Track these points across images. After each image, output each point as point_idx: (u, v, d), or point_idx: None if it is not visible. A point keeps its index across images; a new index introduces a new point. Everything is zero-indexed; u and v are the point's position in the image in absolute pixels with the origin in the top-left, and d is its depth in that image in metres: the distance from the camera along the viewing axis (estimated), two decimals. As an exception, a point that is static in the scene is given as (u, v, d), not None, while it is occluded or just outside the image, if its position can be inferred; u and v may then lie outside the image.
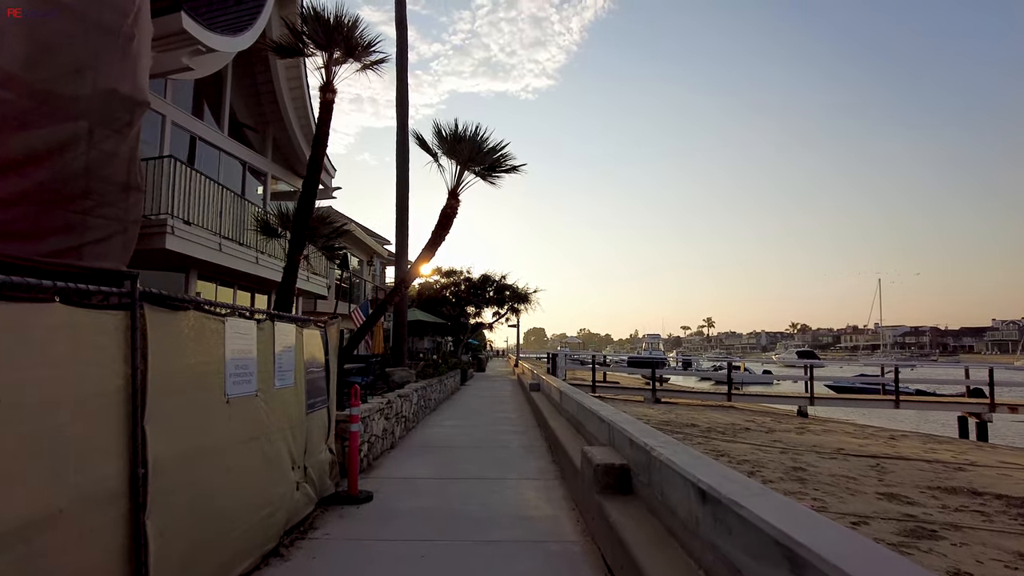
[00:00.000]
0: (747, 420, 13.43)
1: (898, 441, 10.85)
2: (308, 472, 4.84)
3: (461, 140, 7.16)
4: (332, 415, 5.65)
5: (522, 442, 8.63)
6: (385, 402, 7.99)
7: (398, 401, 8.77)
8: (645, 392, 20.01)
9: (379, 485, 5.94)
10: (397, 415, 8.72)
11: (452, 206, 7.46)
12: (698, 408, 17.76)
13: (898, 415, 18.56)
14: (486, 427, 10.25)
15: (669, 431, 9.70)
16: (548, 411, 9.73)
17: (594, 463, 4.27)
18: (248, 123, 13.36)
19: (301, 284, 12.81)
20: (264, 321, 4.06)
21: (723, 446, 8.08)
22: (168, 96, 10.23)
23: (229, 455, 3.43)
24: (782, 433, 10.64)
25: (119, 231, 3.39)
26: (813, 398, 18.28)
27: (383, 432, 7.70)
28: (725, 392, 19.34)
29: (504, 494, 5.60)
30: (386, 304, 7.62)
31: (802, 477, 6.13)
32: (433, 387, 13.05)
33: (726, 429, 10.67)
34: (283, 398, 4.35)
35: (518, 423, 10.83)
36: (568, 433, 7.14)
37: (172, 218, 7.99)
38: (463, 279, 30.58)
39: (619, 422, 4.85)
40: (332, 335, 5.71)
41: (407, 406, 9.57)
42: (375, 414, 7.31)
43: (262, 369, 3.95)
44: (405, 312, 13.06)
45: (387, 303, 7.64)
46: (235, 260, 10.01)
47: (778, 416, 16.60)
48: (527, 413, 12.42)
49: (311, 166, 7.25)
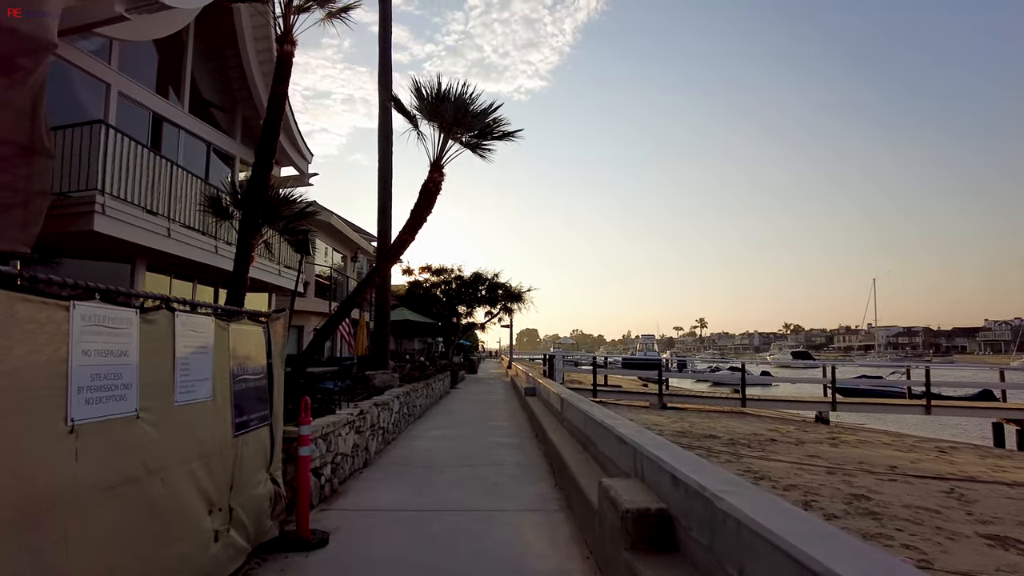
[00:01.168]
0: (769, 429, 12.35)
1: (951, 455, 9.61)
2: (237, 514, 3.64)
3: (445, 100, 5.98)
4: (277, 434, 4.45)
5: (517, 458, 7.45)
6: (357, 412, 6.79)
7: (373, 411, 7.57)
8: (651, 397, 18.69)
9: (340, 520, 4.74)
10: (373, 427, 7.52)
11: (435, 180, 6.29)
12: (711, 415, 16.47)
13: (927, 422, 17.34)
14: (476, 438, 9.06)
15: (687, 444, 8.57)
16: (547, 420, 8.56)
17: (621, 506, 3.11)
18: (214, 102, 12.11)
19: (270, 278, 11.58)
20: (154, 311, 2.86)
21: (758, 465, 6.94)
22: (114, 63, 8.98)
23: (73, 513, 2.24)
24: (814, 445, 9.49)
25: (16, 203, 2.85)
26: (835, 403, 16.93)
27: (353, 449, 6.50)
28: (735, 396, 18.10)
29: (498, 534, 4.42)
30: (359, 293, 6.40)
31: (871, 510, 5.00)
32: (419, 392, 11.84)
33: (751, 441, 9.52)
34: (192, 417, 3.15)
35: (512, 433, 9.65)
36: (574, 451, 5.97)
37: (103, 195, 6.74)
38: (454, 277, 29.34)
39: (648, 445, 3.68)
40: (277, 333, 4.51)
41: (386, 416, 8.37)
42: (343, 428, 6.11)
43: (149, 378, 2.75)
44: (388, 309, 11.84)
45: (360, 293, 6.41)
46: (189, 249, 8.76)
47: (800, 424, 15.42)
48: (522, 421, 11.24)
49: (266, 130, 6.06)
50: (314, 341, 6.45)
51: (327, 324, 6.41)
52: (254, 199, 6.09)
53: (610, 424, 4.74)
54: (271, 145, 6.06)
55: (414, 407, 11.19)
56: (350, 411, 6.58)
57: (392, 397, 8.95)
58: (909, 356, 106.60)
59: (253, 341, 4.14)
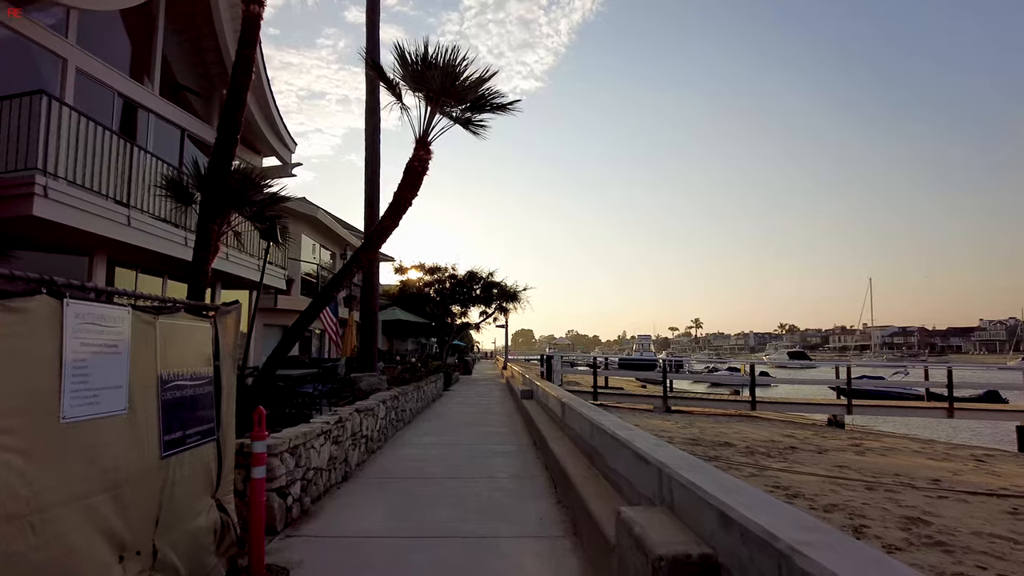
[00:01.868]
0: (785, 435, 11.73)
1: (990, 464, 9.05)
2: (164, 555, 2.91)
3: (432, 67, 5.26)
4: (228, 452, 3.71)
5: (514, 469, 6.74)
6: (335, 420, 6.06)
7: (355, 418, 6.84)
8: (654, 400, 17.80)
9: (307, 551, 4.01)
10: (354, 436, 6.79)
11: (421, 158, 5.56)
12: (719, 419, 15.61)
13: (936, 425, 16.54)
14: (469, 446, 8.34)
15: (702, 453, 7.89)
16: (547, 427, 7.85)
17: (651, 551, 2.40)
18: (190, 86, 11.33)
19: (250, 274, 10.82)
20: (24, 296, 2.13)
21: (785, 479, 6.23)
22: (72, 36, 8.21)
23: None
24: (839, 454, 8.77)
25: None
26: (851, 406, 15.88)
27: (330, 462, 5.76)
28: (743, 399, 17.17)
29: (493, 568, 3.70)
30: (338, 284, 5.64)
31: (937, 538, 4.29)
32: (408, 396, 11.11)
33: (769, 449, 8.82)
34: (92, 437, 2.42)
35: (508, 440, 8.94)
36: (578, 465, 5.25)
37: (44, 176, 5.97)
38: (448, 276, 28.61)
39: (679, 467, 2.97)
40: (229, 330, 3.77)
41: (370, 423, 7.64)
42: (316, 440, 5.37)
43: (12, 387, 2.02)
44: (375, 306, 11.11)
45: (339, 283, 5.65)
46: (155, 240, 8.00)
47: (816, 428, 14.57)
48: (519, 426, 10.53)
49: (231, 99, 5.31)
50: (285, 339, 5.71)
51: (300, 319, 5.66)
52: (216, 178, 5.34)
53: (625, 437, 4.03)
54: (235, 116, 5.32)
55: (403, 412, 10.46)
56: (326, 419, 5.84)
57: (377, 402, 8.22)
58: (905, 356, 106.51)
59: (195, 339, 3.40)
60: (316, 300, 5.68)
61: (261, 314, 14.72)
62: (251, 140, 12.65)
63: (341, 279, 5.69)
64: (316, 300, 5.68)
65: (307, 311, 5.72)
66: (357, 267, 5.61)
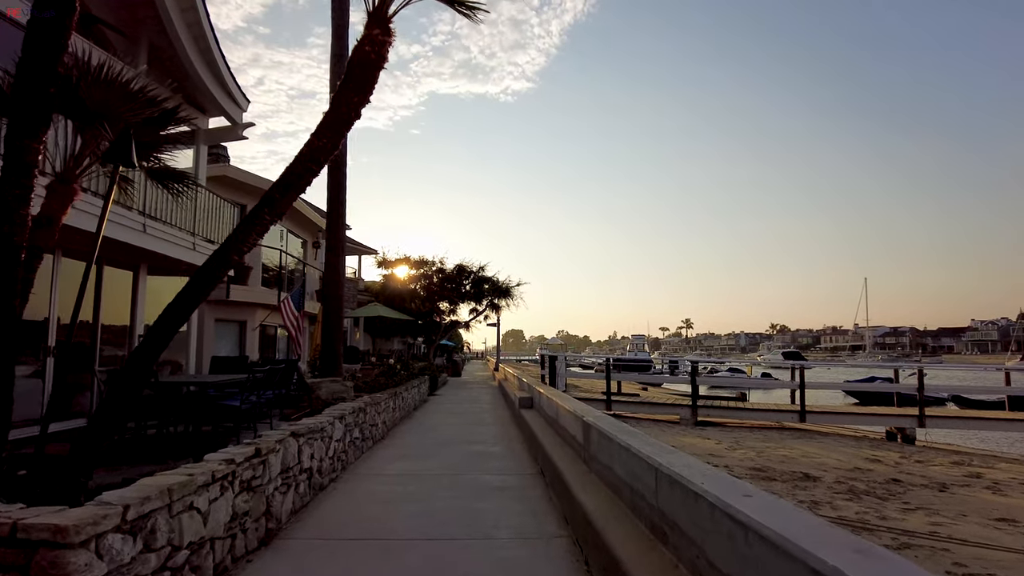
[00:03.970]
0: (865, 457, 9.58)
1: None
2: None
3: None
4: None
5: (520, 519, 4.67)
6: (248, 454, 3.95)
7: (289, 446, 4.73)
8: (679, 409, 14.91)
9: None
10: (287, 473, 4.68)
11: (375, 41, 3.47)
12: (764, 432, 13.04)
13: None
14: (455, 477, 6.27)
15: (784, 491, 5.84)
16: (561, 456, 5.78)
17: None
18: (108, 21, 9.13)
19: (180, 254, 8.60)
20: None
21: (963, 552, 4.22)
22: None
23: None
24: (965, 491, 6.67)
25: None
26: (924, 416, 12.92)
27: (233, 522, 3.64)
28: (787, 409, 14.49)
29: None
30: (243, 237, 3.42)
31: None
32: (381, 406, 9.00)
33: (869, 483, 6.73)
34: None
35: (507, 464, 6.89)
36: (631, 537, 3.18)
37: None
38: (435, 271, 26.48)
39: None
40: None
41: (318, 449, 5.52)
42: (198, 494, 3.25)
43: None
44: (340, 294, 8.99)
45: (247, 235, 3.44)
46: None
47: (887, 446, 12.07)
48: (517, 444, 8.47)
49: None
50: (154, 331, 3.53)
51: (181, 297, 3.46)
52: (38, 65, 3.23)
53: (754, 518, 1.96)
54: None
55: (373, 427, 8.35)
56: (227, 457, 3.71)
57: (332, 419, 6.10)
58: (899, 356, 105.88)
59: None
60: (209, 262, 3.53)
61: (210, 307, 12.51)
62: (193, 94, 10.46)
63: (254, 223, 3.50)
64: (209, 262, 3.53)
65: (196, 281, 3.55)
66: (272, 214, 3.50)
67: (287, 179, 3.51)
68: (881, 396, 21.34)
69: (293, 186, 3.55)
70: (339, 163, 9.15)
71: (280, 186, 3.51)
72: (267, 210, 3.47)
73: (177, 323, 3.49)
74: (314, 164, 3.55)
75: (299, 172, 3.54)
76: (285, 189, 3.52)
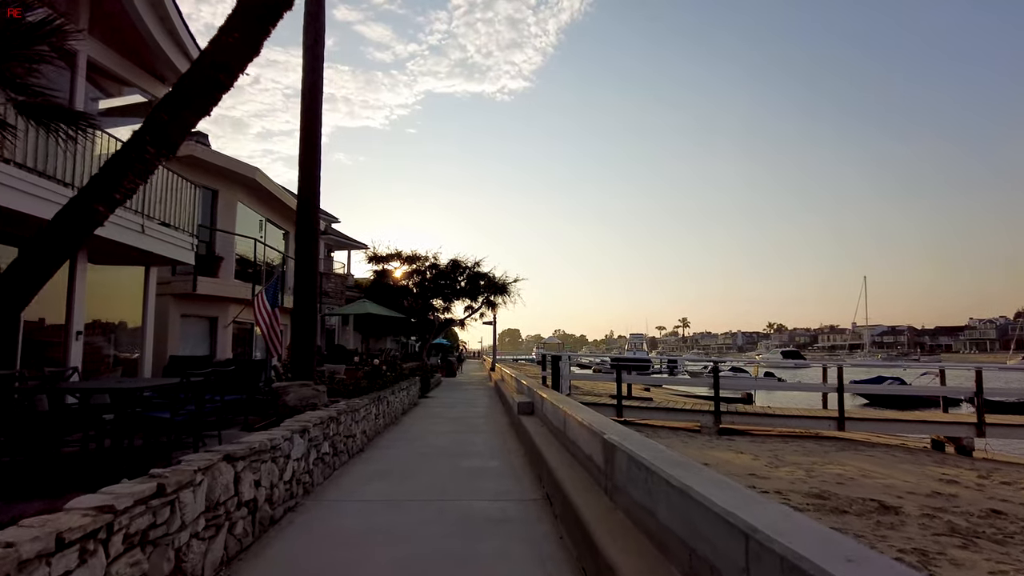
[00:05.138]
0: (938, 479, 8.17)
1: None
2: None
3: None
4: None
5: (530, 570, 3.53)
6: (150, 490, 2.79)
7: (223, 473, 3.56)
8: (699, 415, 13.32)
9: None
10: (215, 510, 3.51)
11: None
12: (800, 443, 11.67)
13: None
14: (443, 504, 5.11)
15: (866, 532, 4.72)
16: (574, 482, 4.62)
17: None
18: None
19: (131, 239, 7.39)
20: None
21: None
22: None
23: None
24: None
25: None
26: (984, 424, 11.36)
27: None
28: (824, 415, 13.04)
29: None
30: (116, 180, 2.28)
31: None
32: (360, 413, 7.83)
33: (970, 520, 5.57)
34: None
35: (506, 486, 5.74)
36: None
37: None
38: (428, 266, 25.23)
39: None
40: None
41: (266, 475, 4.35)
42: (45, 566, 2.08)
43: None
44: (315, 286, 7.81)
45: (118, 175, 2.29)
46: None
47: (958, 462, 10.64)
48: (518, 458, 7.32)
49: None
50: None
51: (15, 269, 2.32)
52: None
53: None
54: None
55: (349, 438, 7.18)
56: (102, 503, 2.55)
57: (286, 435, 4.92)
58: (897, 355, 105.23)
59: None
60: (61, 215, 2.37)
61: (176, 301, 11.31)
62: (150, 60, 9.25)
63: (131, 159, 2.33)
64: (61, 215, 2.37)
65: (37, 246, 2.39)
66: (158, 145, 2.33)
67: (182, 93, 2.34)
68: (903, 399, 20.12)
69: (190, 104, 2.38)
70: (314, 93, 8.18)
71: (170, 103, 2.33)
72: (149, 138, 2.30)
73: (11, 307, 2.33)
74: (223, 73, 2.39)
75: (199, 82, 2.38)
76: (177, 107, 2.35)
